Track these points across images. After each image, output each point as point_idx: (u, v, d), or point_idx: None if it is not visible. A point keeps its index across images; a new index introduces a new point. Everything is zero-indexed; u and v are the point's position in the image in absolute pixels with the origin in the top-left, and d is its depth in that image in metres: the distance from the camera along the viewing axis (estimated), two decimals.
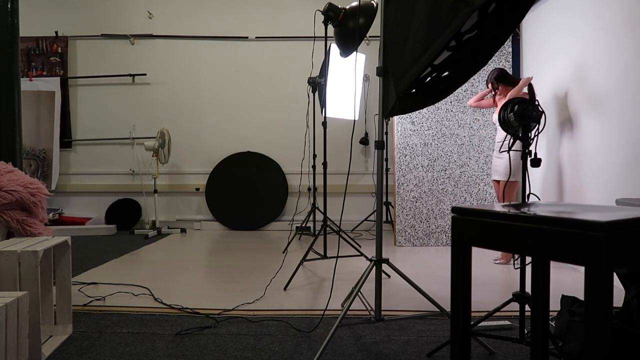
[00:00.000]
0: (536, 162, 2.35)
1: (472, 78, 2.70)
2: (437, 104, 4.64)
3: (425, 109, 4.88)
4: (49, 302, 2.41)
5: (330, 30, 3.13)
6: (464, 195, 4.92)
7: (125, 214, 6.08)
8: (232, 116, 6.19)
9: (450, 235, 2.54)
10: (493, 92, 4.16)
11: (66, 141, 6.17)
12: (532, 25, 4.88)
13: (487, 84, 4.18)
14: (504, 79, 4.06)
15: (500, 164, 4.01)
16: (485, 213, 1.37)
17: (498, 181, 4.07)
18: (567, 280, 3.52)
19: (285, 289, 3.29)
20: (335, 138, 4.96)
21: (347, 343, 2.34)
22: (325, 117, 3.89)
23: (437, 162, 4.93)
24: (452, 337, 1.46)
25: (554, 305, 2.36)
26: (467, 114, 4.92)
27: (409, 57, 2.02)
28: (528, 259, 3.08)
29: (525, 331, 2.18)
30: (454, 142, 4.93)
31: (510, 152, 3.50)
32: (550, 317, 2.10)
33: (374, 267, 2.31)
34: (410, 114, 4.89)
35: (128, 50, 6.21)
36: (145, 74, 6.16)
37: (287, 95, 6.08)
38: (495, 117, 4.03)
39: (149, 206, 6.07)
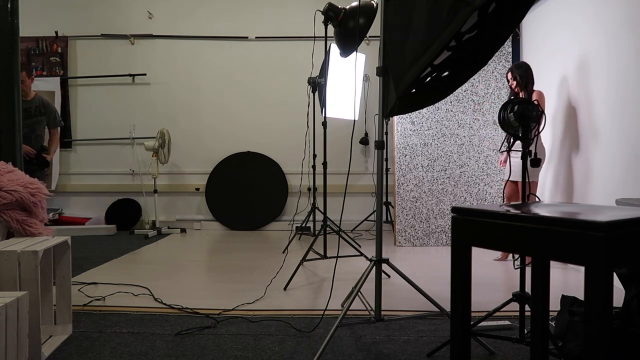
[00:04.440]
0: (536, 162, 2.35)
1: (472, 78, 2.70)
2: (437, 104, 4.63)
3: (425, 109, 4.88)
4: (49, 302, 2.41)
5: (330, 30, 3.13)
6: (464, 195, 4.92)
7: (125, 214, 6.07)
8: (232, 116, 6.19)
9: (450, 235, 2.54)
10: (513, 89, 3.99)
11: (66, 141, 6.17)
12: (532, 25, 4.88)
13: (509, 73, 3.98)
14: (525, 79, 3.90)
15: (519, 164, 3.86)
16: (485, 213, 1.37)
17: (516, 182, 3.97)
18: (567, 280, 3.52)
19: (285, 289, 3.29)
20: (335, 138, 4.96)
21: (347, 343, 2.34)
22: (325, 117, 3.89)
23: (437, 162, 4.93)
24: (452, 337, 1.46)
25: (554, 305, 2.36)
26: (467, 114, 4.92)
27: (409, 57, 2.02)
28: (528, 259, 3.08)
29: (525, 331, 2.18)
30: (454, 142, 4.93)
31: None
32: (550, 317, 2.10)
33: (374, 267, 2.31)
34: (410, 114, 4.89)
35: (128, 50, 6.21)
36: (145, 74, 6.16)
37: (287, 95, 6.08)
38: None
39: (149, 206, 6.07)
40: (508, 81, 4.02)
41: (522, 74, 3.90)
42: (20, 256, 2.06)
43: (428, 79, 2.30)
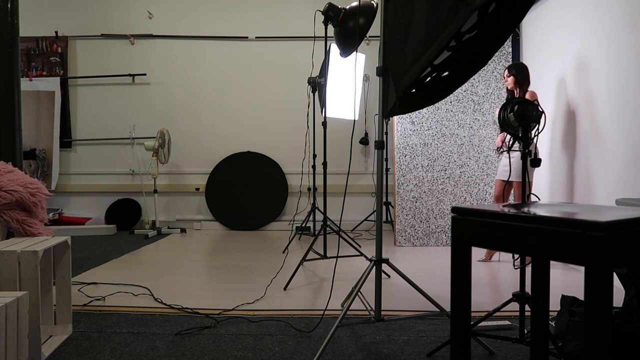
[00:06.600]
0: (536, 162, 2.35)
1: (472, 78, 2.70)
2: (437, 104, 4.64)
3: (425, 109, 4.88)
4: (49, 302, 2.41)
5: (330, 30, 3.13)
6: (464, 195, 4.92)
7: (125, 214, 6.07)
8: (232, 116, 6.19)
9: (450, 235, 2.54)
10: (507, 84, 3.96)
11: (66, 141, 6.17)
12: (531, 24, 4.88)
13: (506, 71, 3.96)
14: (521, 77, 3.88)
15: (516, 163, 3.89)
16: (485, 213, 1.37)
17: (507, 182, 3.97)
18: (567, 280, 3.52)
19: (285, 289, 3.29)
20: (335, 138, 4.96)
21: (347, 343, 2.34)
22: (325, 117, 3.89)
23: (437, 162, 4.93)
24: (452, 337, 1.46)
25: (554, 305, 2.37)
26: (467, 114, 4.92)
27: (409, 57, 2.02)
28: (528, 259, 3.08)
29: (525, 331, 2.18)
30: (454, 142, 4.93)
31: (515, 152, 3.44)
32: (550, 317, 2.10)
33: (374, 267, 2.31)
34: (410, 114, 4.89)
35: (128, 50, 6.21)
36: (145, 74, 6.16)
37: (287, 95, 6.07)
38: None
39: (149, 206, 6.07)
40: (504, 79, 4.01)
41: (519, 71, 3.90)
42: (20, 256, 2.06)
43: (428, 79, 2.30)
